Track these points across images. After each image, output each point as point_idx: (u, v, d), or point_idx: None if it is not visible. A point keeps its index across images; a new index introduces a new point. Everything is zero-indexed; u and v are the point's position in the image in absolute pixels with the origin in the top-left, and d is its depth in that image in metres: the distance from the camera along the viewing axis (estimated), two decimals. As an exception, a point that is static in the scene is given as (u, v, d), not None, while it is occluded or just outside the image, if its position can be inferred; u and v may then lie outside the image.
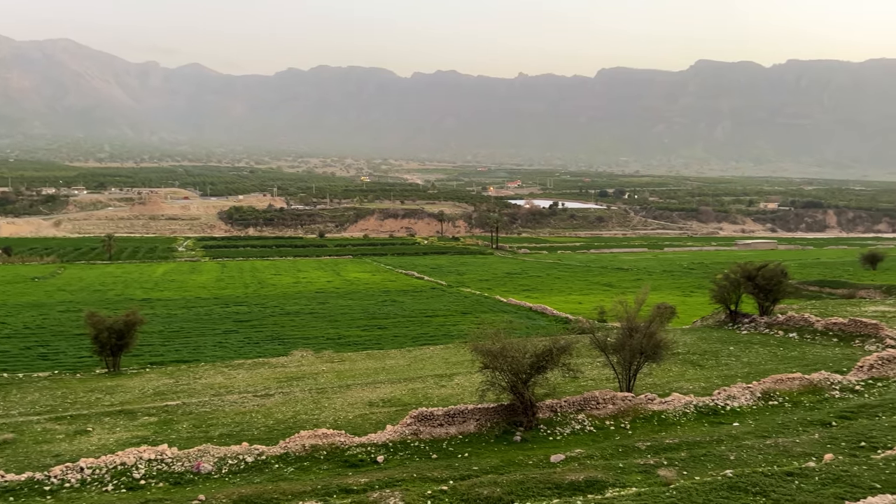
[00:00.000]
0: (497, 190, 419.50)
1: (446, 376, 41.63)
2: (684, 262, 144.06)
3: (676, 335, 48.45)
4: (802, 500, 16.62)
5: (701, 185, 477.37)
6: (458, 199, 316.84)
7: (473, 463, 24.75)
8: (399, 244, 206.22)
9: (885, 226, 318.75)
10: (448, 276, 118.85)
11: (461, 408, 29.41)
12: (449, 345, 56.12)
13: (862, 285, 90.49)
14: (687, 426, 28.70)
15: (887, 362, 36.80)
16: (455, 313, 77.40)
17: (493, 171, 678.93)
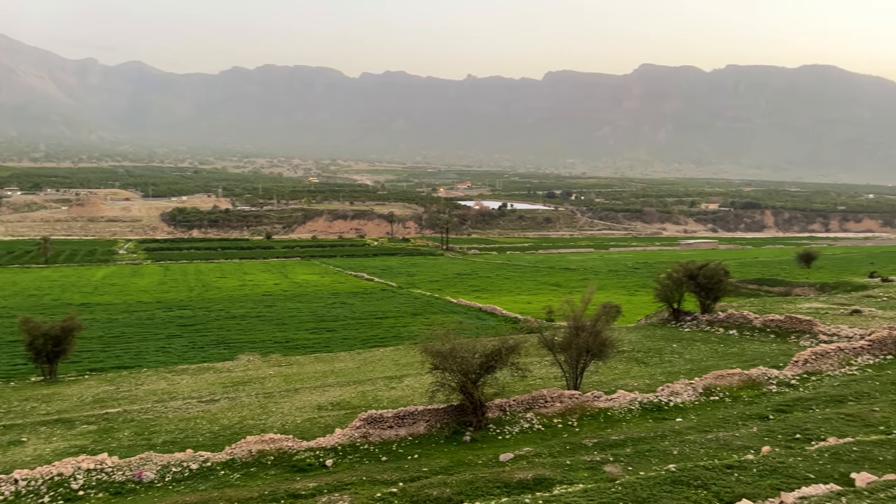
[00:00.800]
0: (447, 191, 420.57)
1: (396, 378, 41.53)
2: (629, 262, 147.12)
3: (622, 333, 49.48)
4: (741, 492, 17.15)
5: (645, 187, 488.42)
6: (408, 200, 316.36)
7: (423, 464, 24.75)
8: (348, 245, 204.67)
9: (818, 225, 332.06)
10: (398, 278, 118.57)
11: (411, 409, 29.40)
12: (399, 346, 56.01)
13: (797, 283, 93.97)
14: (632, 422, 29.31)
15: (820, 357, 38.32)
16: (405, 315, 77.27)
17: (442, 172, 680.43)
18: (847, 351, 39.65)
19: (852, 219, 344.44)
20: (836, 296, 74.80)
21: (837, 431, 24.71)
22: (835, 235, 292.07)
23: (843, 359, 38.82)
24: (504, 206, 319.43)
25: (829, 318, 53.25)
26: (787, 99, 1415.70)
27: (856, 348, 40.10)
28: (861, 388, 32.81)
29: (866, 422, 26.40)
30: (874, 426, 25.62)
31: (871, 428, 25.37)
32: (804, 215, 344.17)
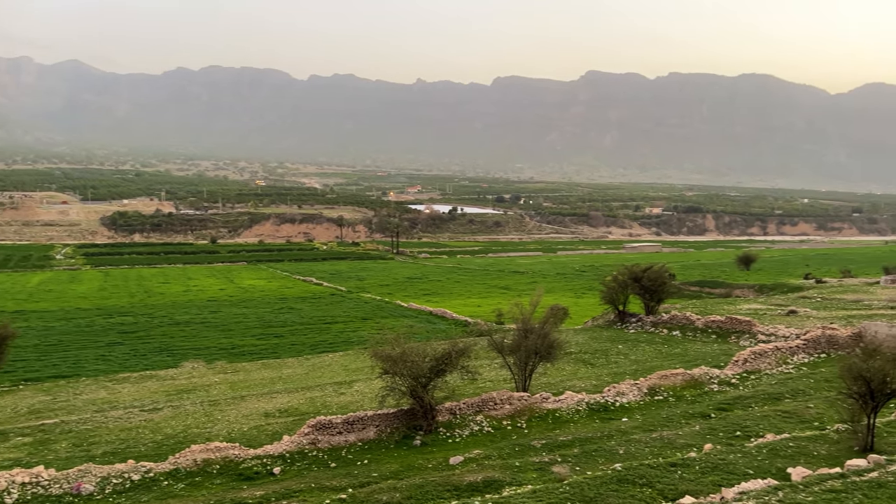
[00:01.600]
0: (397, 195, 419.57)
1: (346, 383, 41.20)
2: (576, 265, 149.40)
3: (569, 335, 50.20)
4: (685, 489, 17.60)
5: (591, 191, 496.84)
6: (357, 204, 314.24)
7: (373, 469, 24.61)
8: (297, 250, 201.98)
9: (756, 229, 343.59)
10: (348, 282, 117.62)
11: (361, 415, 29.24)
12: (349, 351, 55.58)
13: (737, 285, 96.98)
14: (580, 423, 29.77)
15: (759, 356, 39.66)
16: (355, 319, 76.70)
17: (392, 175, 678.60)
18: (784, 350, 41.14)
19: (788, 223, 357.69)
20: (773, 297, 77.55)
21: (775, 428, 25.61)
22: (772, 239, 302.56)
23: (780, 358, 40.26)
24: (454, 209, 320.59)
25: (767, 318, 55.16)
26: (728, 106, 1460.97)
27: (792, 347, 41.65)
28: (797, 385, 34.10)
29: (802, 418, 27.45)
30: (809, 422, 26.66)
31: (806, 424, 26.39)
32: (743, 219, 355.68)
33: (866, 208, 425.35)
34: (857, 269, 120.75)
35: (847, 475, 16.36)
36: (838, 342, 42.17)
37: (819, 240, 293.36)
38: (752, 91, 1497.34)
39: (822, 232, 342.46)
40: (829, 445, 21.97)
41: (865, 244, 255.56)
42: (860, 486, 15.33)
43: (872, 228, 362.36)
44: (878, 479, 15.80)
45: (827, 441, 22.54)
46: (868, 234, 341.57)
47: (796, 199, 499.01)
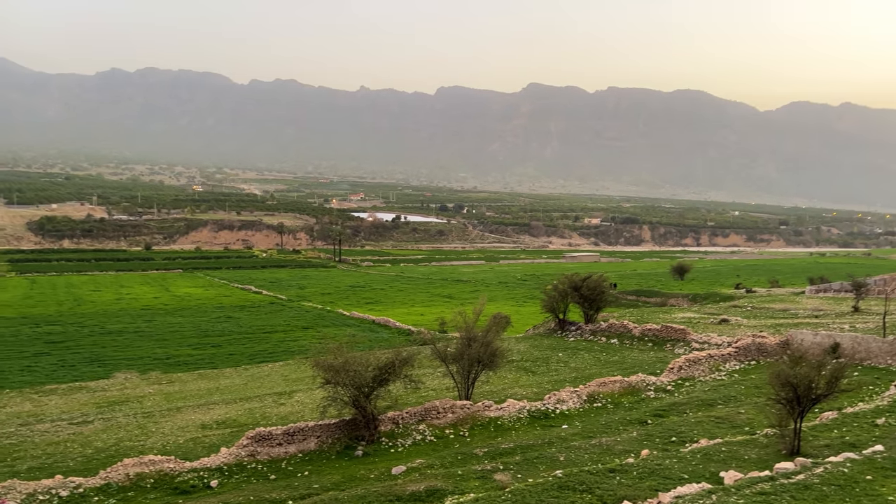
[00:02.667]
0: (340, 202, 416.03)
1: (286, 394, 40.53)
2: (518, 274, 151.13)
3: (511, 343, 50.74)
4: (623, 494, 17.97)
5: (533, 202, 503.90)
6: (299, 211, 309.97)
7: (314, 481, 24.26)
8: (235, 257, 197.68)
9: (690, 240, 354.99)
10: (288, 291, 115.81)
11: (301, 425, 28.79)
12: (289, 361, 54.70)
13: (672, 294, 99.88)
14: (521, 430, 30.06)
15: (693, 363, 40.93)
16: (296, 328, 75.54)
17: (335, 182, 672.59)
18: (716, 358, 42.56)
19: (720, 234, 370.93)
20: (706, 306, 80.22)
21: (708, 433, 26.44)
22: (705, 249, 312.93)
23: (713, 365, 41.64)
24: (398, 218, 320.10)
25: (700, 326, 56.99)
26: (663, 120, 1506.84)
27: (724, 355, 43.12)
28: (729, 392, 35.31)
29: (733, 423, 28.43)
30: (740, 427, 27.63)
31: (737, 429, 27.34)
32: (678, 230, 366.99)
33: (793, 221, 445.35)
34: (784, 280, 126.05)
35: (776, 478, 17.02)
36: (767, 350, 43.88)
37: (749, 251, 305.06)
38: (687, 106, 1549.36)
39: (752, 243, 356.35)
40: (759, 449, 22.81)
41: (792, 255, 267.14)
42: (788, 489, 15.97)
43: (798, 240, 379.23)
44: (804, 481, 16.50)
45: (757, 445, 23.39)
46: (794, 246, 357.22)
47: (728, 211, 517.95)
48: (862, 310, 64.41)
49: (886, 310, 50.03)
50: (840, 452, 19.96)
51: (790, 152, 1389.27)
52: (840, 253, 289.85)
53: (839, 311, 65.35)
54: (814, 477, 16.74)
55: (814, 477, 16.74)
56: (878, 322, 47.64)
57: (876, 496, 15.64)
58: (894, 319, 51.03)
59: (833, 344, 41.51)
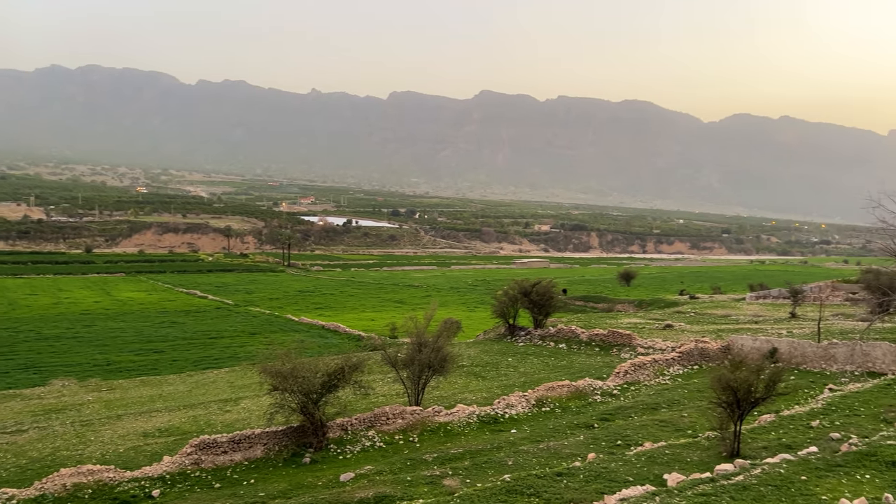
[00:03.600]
0: (290, 205, 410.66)
1: (232, 401, 39.77)
2: (469, 280, 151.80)
3: (462, 349, 50.92)
4: (570, 498, 18.21)
5: (484, 208, 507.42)
6: (247, 214, 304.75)
7: (260, 489, 23.87)
8: (180, 261, 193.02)
9: (636, 247, 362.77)
10: (235, 295, 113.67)
11: (247, 433, 28.31)
12: (235, 367, 53.65)
13: (619, 300, 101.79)
14: (470, 435, 30.18)
15: (638, 368, 41.79)
16: (242, 334, 74.17)
17: (285, 186, 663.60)
18: (661, 362, 43.54)
19: (665, 241, 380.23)
20: (651, 311, 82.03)
21: (652, 436, 27.02)
22: (650, 256, 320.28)
23: (658, 369, 42.59)
24: (349, 222, 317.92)
25: (645, 332, 58.21)
26: (611, 130, 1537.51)
27: (668, 360, 44.15)
28: (672, 395, 36.18)
29: (677, 427, 29.14)
30: (683, 430, 28.34)
31: (680, 432, 28.03)
32: (625, 237, 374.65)
33: (734, 229, 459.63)
34: (726, 286, 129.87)
35: (716, 479, 17.51)
36: (709, 354, 45.13)
37: (692, 258, 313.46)
38: (634, 117, 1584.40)
39: (696, 251, 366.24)
40: (700, 452, 23.42)
41: (733, 263, 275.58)
42: (728, 490, 16.45)
43: (739, 248, 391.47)
44: (743, 482, 17.02)
45: (699, 448, 24.02)
46: (736, 254, 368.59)
47: (672, 219, 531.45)
48: (798, 316, 66.85)
49: (821, 316, 52.04)
50: (777, 454, 20.65)
51: (732, 163, 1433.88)
52: (778, 261, 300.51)
53: (777, 317, 67.66)
54: (752, 478, 17.28)
55: (752, 478, 17.28)
56: (813, 328, 49.52)
57: (810, 495, 16.24)
58: (828, 325, 53.13)
59: (771, 349, 42.98)
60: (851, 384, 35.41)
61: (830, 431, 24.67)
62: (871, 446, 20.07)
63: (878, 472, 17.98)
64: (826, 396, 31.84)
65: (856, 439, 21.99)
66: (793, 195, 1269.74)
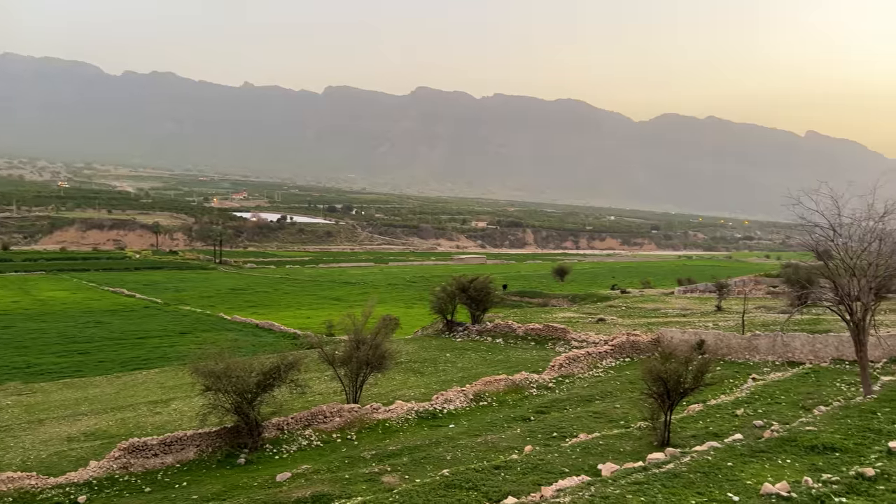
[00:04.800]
0: (221, 201, 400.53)
1: (162, 402, 38.58)
2: (407, 276, 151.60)
3: (400, 345, 50.78)
4: (507, 490, 18.43)
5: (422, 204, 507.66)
6: (176, 210, 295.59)
7: (193, 492, 23.24)
8: (106, 258, 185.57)
9: (570, 243, 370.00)
10: (165, 294, 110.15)
11: (179, 435, 27.53)
12: (165, 368, 52.03)
13: (553, 295, 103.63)
14: (409, 432, 30.18)
15: (573, 361, 42.66)
16: (172, 334, 71.93)
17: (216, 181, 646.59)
18: (594, 355, 44.57)
19: (598, 237, 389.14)
20: (585, 306, 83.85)
21: (587, 428, 27.63)
22: (584, 252, 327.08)
23: (591, 362, 43.59)
24: (283, 218, 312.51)
25: (579, 325, 59.50)
26: (546, 128, 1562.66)
27: (601, 352, 45.23)
28: (605, 387, 37.08)
29: (610, 418, 29.90)
30: (616, 421, 29.09)
31: (613, 423, 28.76)
32: (559, 234, 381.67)
33: (663, 226, 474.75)
34: (655, 281, 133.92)
35: (648, 468, 18.04)
36: (640, 347, 46.47)
37: (624, 254, 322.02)
38: (567, 115, 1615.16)
39: (627, 247, 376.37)
40: (633, 442, 24.09)
41: (662, 258, 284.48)
42: (659, 477, 16.97)
43: (668, 244, 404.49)
44: (673, 469, 17.60)
45: (632, 438, 24.70)
46: (665, 249, 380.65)
47: (604, 216, 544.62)
48: (724, 309, 69.58)
49: (745, 309, 54.33)
50: (705, 442, 21.42)
51: (662, 161, 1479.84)
52: (705, 256, 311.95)
53: (704, 310, 70.25)
54: (682, 465, 17.88)
55: (682, 465, 17.88)
56: (737, 320, 51.63)
57: (735, 481, 16.93)
58: (751, 317, 55.52)
59: (699, 341, 44.60)
60: (773, 373, 37.11)
61: (754, 419, 25.80)
62: (792, 432, 21.07)
63: (797, 456, 18.89)
64: (750, 386, 33.26)
65: (777, 426, 23.06)
66: (718, 193, 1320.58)
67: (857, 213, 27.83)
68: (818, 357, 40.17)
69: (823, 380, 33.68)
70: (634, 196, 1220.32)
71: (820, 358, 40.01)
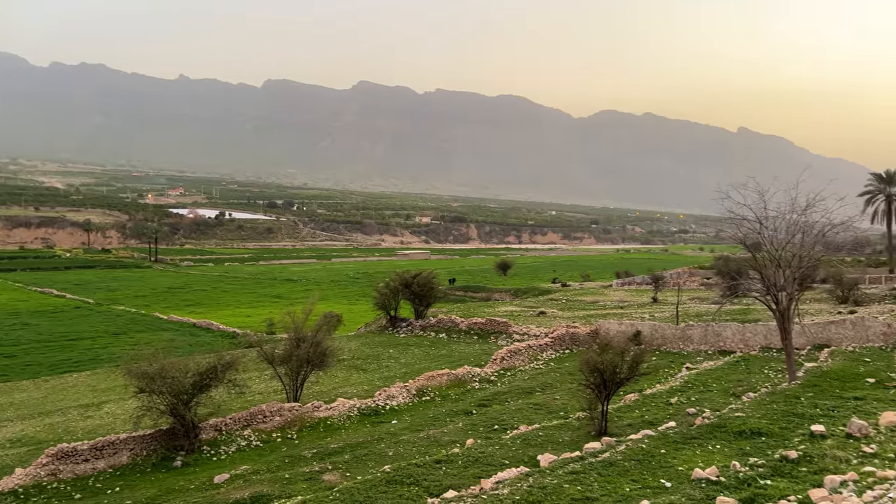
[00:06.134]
0: (157, 198, 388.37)
1: (94, 406, 37.30)
2: (351, 272, 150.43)
3: (342, 342, 50.42)
4: (448, 484, 18.53)
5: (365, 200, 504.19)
6: (109, 207, 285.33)
7: (126, 497, 22.58)
8: (33, 257, 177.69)
9: (513, 238, 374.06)
10: (97, 293, 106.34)
11: (111, 439, 26.69)
12: (98, 370, 50.33)
13: (496, 289, 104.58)
14: (351, 429, 30.02)
15: (514, 354, 43.18)
16: (105, 335, 69.59)
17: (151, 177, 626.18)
18: (535, 348, 45.22)
19: (540, 232, 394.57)
20: (526, 299, 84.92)
21: (527, 420, 28.03)
22: (526, 246, 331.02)
23: (532, 355, 44.20)
24: (222, 215, 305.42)
25: (521, 319, 60.21)
26: (488, 123, 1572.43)
27: (542, 345, 45.92)
28: (546, 379, 37.67)
29: (550, 409, 30.39)
30: (556, 412, 29.59)
31: (553, 414, 29.25)
32: (501, 228, 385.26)
33: (602, 220, 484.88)
34: (594, 274, 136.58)
35: (585, 457, 18.44)
36: (579, 339, 47.36)
37: (565, 248, 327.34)
38: (509, 111, 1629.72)
39: (567, 241, 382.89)
40: (571, 432, 24.56)
41: (602, 252, 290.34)
42: (595, 466, 17.37)
43: (607, 238, 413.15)
44: (609, 458, 18.04)
45: (570, 428, 25.18)
46: (604, 243, 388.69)
47: (546, 211, 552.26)
48: (660, 300, 71.53)
49: (679, 300, 55.99)
50: (640, 430, 22.03)
51: (600, 157, 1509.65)
52: (642, 249, 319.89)
53: (641, 302, 72.07)
54: (617, 454, 18.34)
55: (617, 454, 18.34)
56: (672, 311, 53.16)
57: (668, 467, 17.47)
58: (686, 308, 57.26)
59: (635, 332, 45.74)
60: (705, 362, 38.39)
61: (687, 407, 26.64)
62: (722, 419, 21.87)
63: (727, 442, 19.62)
64: (683, 375, 34.32)
65: (708, 413, 23.88)
66: (655, 187, 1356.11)
67: (781, 206, 29.03)
68: (748, 345, 41.76)
69: (752, 367, 35.02)
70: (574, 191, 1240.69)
71: (750, 346, 41.59)
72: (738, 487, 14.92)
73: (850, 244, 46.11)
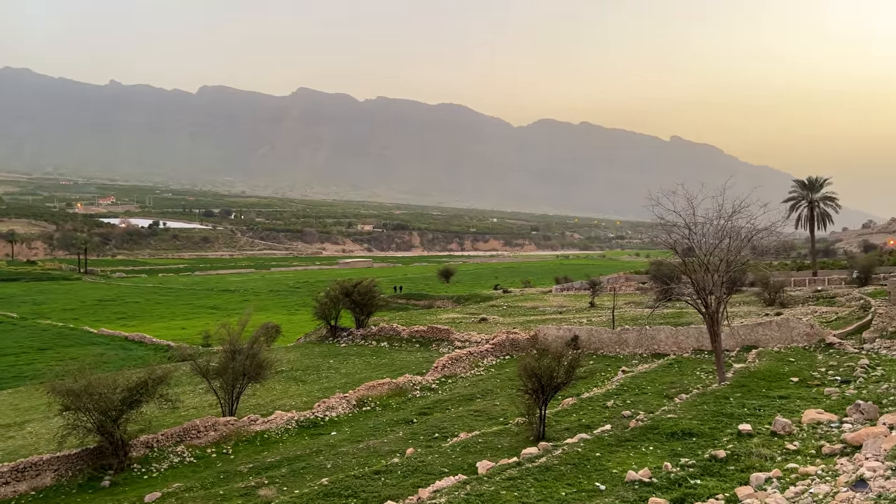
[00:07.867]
0: (86, 207, 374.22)
1: (16, 425, 35.51)
2: (290, 282, 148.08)
3: (281, 353, 49.54)
4: (387, 495, 18.38)
5: (305, 208, 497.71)
6: (34, 217, 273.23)
7: (49, 521, 21.53)
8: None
9: (455, 245, 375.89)
10: (21, 307, 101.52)
11: (34, 459, 25.48)
12: (20, 388, 47.95)
13: (438, 296, 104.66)
14: (289, 442, 29.46)
15: (456, 361, 43.26)
16: (30, 350, 66.41)
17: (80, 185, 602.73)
18: (476, 354, 45.42)
19: (481, 239, 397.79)
20: (468, 306, 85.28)
21: (468, 427, 28.08)
22: (468, 254, 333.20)
23: (473, 361, 44.39)
24: (155, 224, 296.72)
25: (463, 326, 60.43)
26: (429, 132, 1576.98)
27: (483, 351, 46.17)
28: (486, 386, 37.86)
29: (490, 415, 30.54)
30: (496, 418, 29.75)
31: (493, 420, 29.40)
32: (444, 236, 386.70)
33: (542, 227, 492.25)
34: (535, 280, 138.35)
35: (522, 463, 18.57)
36: (519, 345, 47.83)
37: (506, 254, 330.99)
38: (449, 119, 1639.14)
39: (509, 248, 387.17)
40: (510, 438, 24.72)
41: (542, 258, 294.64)
42: (532, 471, 17.52)
43: (547, 244, 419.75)
44: (545, 463, 18.22)
45: (509, 434, 25.34)
46: (544, 249, 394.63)
47: (487, 218, 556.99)
48: (597, 305, 72.98)
49: (614, 305, 57.26)
50: (577, 434, 22.35)
51: (539, 165, 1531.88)
52: (581, 255, 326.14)
53: (579, 307, 73.34)
54: (553, 458, 18.54)
55: (553, 458, 18.54)
56: (609, 315, 54.27)
57: (603, 470, 17.76)
58: (622, 312, 58.58)
59: (573, 336, 46.50)
60: (641, 365, 39.31)
61: (622, 409, 27.20)
62: (655, 420, 22.40)
63: (659, 443, 20.10)
64: (619, 378, 35.04)
65: (643, 415, 24.44)
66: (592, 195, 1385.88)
67: (709, 212, 30.06)
68: (681, 348, 42.99)
69: (685, 369, 36.05)
70: (515, 198, 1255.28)
71: (682, 349, 42.83)
72: (670, 488, 15.29)
73: (775, 248, 48.09)
